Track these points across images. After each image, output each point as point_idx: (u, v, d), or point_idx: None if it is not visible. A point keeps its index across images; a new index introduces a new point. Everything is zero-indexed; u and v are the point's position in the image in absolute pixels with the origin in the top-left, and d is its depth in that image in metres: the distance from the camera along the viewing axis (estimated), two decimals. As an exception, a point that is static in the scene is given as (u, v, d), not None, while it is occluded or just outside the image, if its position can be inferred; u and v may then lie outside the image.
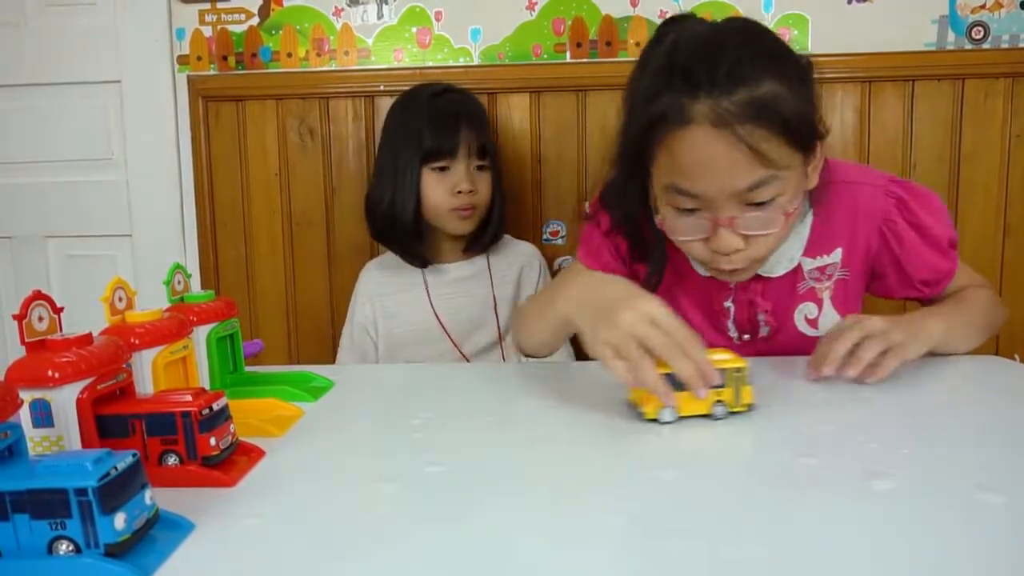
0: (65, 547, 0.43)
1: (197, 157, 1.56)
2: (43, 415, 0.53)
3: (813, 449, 0.62)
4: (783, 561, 0.44)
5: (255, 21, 1.53)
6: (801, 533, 0.47)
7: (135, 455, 0.45)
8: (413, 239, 1.32)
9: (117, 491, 0.43)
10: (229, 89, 1.54)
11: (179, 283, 0.78)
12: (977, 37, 1.40)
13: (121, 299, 0.67)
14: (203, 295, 0.78)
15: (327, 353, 1.55)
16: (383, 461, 0.63)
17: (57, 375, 0.53)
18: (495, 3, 1.48)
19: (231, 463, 0.59)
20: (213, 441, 0.56)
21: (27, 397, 0.52)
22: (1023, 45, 1.39)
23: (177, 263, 0.78)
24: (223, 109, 1.55)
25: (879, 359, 0.77)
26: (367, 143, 1.53)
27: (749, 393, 0.69)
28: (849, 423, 0.68)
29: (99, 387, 0.55)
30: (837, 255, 0.95)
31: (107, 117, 1.59)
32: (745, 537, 0.47)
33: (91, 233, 1.62)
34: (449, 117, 1.28)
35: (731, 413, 0.68)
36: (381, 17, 1.51)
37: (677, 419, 0.68)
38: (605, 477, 0.58)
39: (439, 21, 1.50)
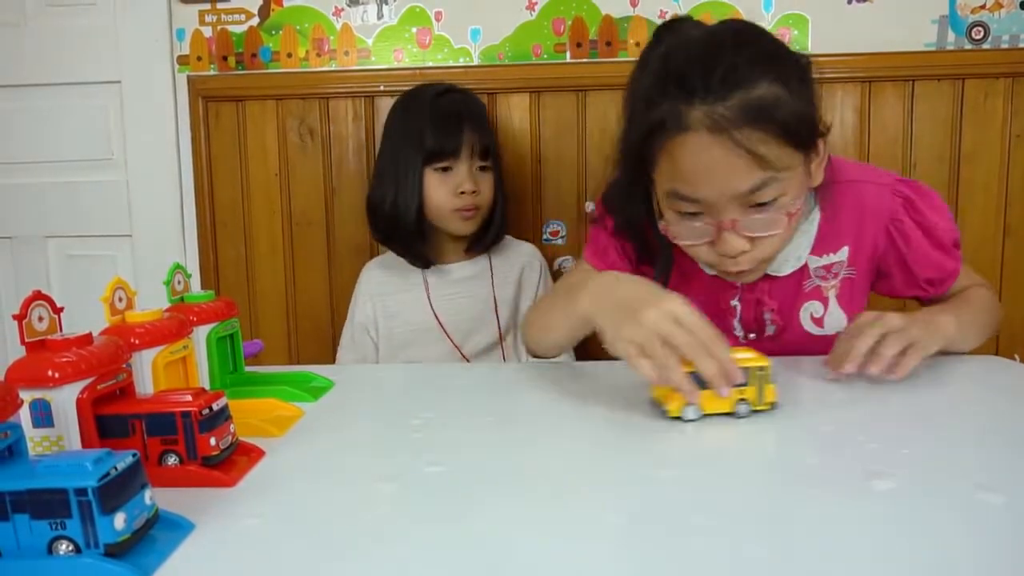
0: (65, 547, 0.43)
1: (197, 157, 1.56)
2: (43, 415, 0.53)
3: (813, 449, 0.62)
4: (783, 561, 0.44)
5: (255, 21, 1.53)
6: (800, 533, 0.47)
7: (135, 455, 0.45)
8: (416, 240, 1.32)
9: (117, 491, 0.43)
10: (229, 89, 1.54)
11: (179, 283, 0.78)
12: (977, 37, 1.40)
13: (121, 299, 0.67)
14: (203, 295, 0.78)
15: (327, 353, 1.55)
16: (383, 461, 0.63)
17: (57, 375, 0.53)
18: (495, 3, 1.48)
19: (231, 463, 0.59)
20: (213, 441, 0.57)
21: (27, 397, 0.52)
22: (1023, 45, 1.39)
23: (177, 263, 0.78)
24: (223, 109, 1.55)
25: (898, 357, 0.77)
26: (367, 143, 1.53)
27: (772, 392, 0.69)
28: (849, 423, 0.68)
29: (99, 387, 0.55)
30: (844, 253, 0.95)
31: (107, 117, 1.58)
32: (745, 537, 0.47)
33: (91, 233, 1.62)
34: (452, 117, 1.28)
35: (754, 411, 0.69)
36: (381, 17, 1.51)
37: (701, 417, 0.68)
38: (606, 476, 0.58)
39: (439, 21, 1.50)
